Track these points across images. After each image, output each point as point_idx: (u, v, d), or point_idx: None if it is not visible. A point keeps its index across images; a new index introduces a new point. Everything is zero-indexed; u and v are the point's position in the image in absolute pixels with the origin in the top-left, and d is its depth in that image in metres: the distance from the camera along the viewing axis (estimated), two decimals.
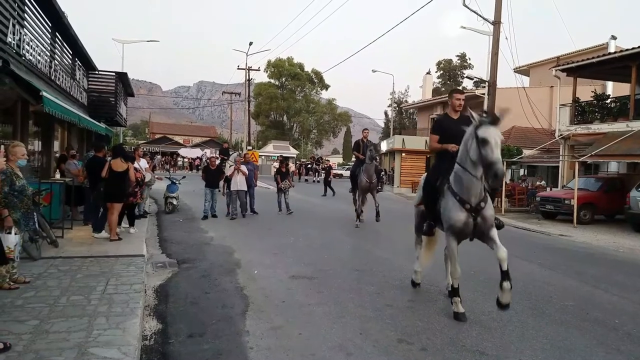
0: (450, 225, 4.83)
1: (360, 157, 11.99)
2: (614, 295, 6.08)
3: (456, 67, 57.45)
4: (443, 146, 5.24)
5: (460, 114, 5.37)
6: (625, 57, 15.69)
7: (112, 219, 8.37)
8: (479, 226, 4.75)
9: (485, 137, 4.29)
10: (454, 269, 4.96)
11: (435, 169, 5.42)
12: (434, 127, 5.48)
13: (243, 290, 5.84)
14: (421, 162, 30.03)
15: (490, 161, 4.23)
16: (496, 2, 17.49)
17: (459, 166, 4.70)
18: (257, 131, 63.59)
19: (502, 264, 4.58)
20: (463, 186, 4.68)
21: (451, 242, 4.94)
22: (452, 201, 4.77)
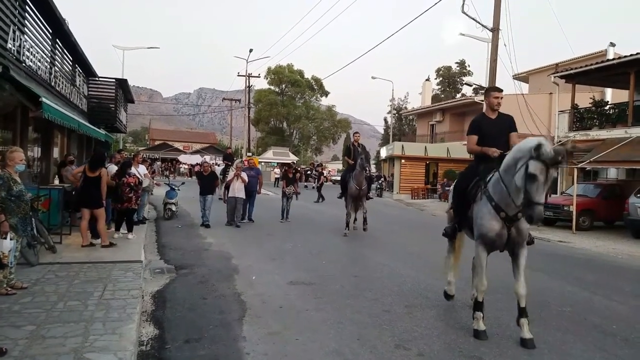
0: (482, 234, 4.51)
1: (350, 162, 11.75)
2: (612, 301, 6.07)
3: (455, 74, 57.63)
4: (484, 149, 4.84)
5: (499, 113, 5.08)
6: (624, 63, 15.76)
7: (83, 225, 8.07)
8: (513, 238, 4.46)
9: (534, 174, 3.90)
10: (479, 281, 4.62)
11: (470, 170, 5.10)
12: (471, 128, 5.11)
13: (241, 296, 5.83)
14: (420, 169, 30.10)
15: (531, 200, 3.92)
16: (495, 9, 17.58)
17: (503, 175, 4.34)
18: (257, 137, 63.70)
19: (520, 301, 4.43)
20: (501, 196, 4.36)
21: (480, 253, 4.61)
22: (487, 208, 4.46)
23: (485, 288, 4.61)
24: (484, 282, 4.59)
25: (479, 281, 4.63)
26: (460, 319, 5.13)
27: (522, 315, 4.42)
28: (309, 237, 10.80)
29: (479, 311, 4.61)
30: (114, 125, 18.66)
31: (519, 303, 4.44)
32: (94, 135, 12.76)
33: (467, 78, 54.98)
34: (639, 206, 12.73)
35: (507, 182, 4.27)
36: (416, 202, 25.93)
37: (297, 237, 10.67)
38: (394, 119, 54.07)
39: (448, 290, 5.73)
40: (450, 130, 36.53)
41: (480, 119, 5.14)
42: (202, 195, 12.01)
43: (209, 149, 54.88)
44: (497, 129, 4.81)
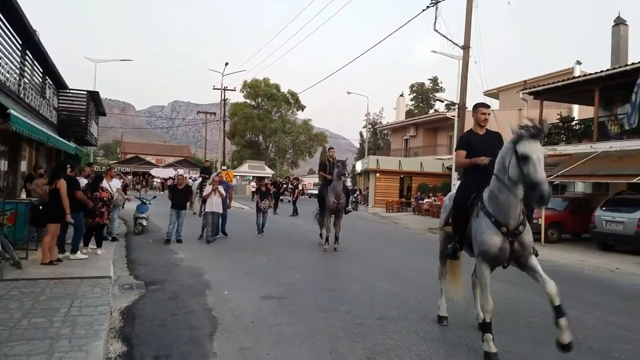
0: (484, 250, 4.27)
1: (327, 178, 11.50)
2: (577, 312, 6.23)
3: (428, 90, 58.80)
4: (472, 161, 4.80)
5: (486, 129, 5.05)
6: (589, 81, 16.38)
7: (46, 240, 7.76)
8: (516, 253, 4.23)
9: (526, 153, 3.80)
10: (485, 301, 4.36)
11: (464, 186, 4.99)
12: (460, 143, 5.09)
13: (212, 311, 5.76)
14: (395, 182, 30.43)
15: (534, 181, 3.73)
16: (465, 28, 18.11)
17: (496, 184, 4.20)
18: (232, 151, 63.34)
19: (553, 300, 3.99)
20: (500, 207, 4.17)
21: (483, 270, 4.36)
22: (487, 223, 4.25)
23: (492, 308, 4.36)
24: (489, 302, 4.34)
25: (485, 301, 4.36)
26: (432, 331, 5.19)
27: (560, 314, 3.97)
28: (283, 251, 10.76)
29: (488, 332, 4.34)
30: (84, 138, 18.29)
31: (553, 302, 4.00)
32: (63, 148, 12.48)
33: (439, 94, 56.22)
34: (604, 219, 13.15)
35: (500, 187, 4.14)
36: (391, 215, 26.15)
37: (271, 251, 10.62)
38: (369, 134, 54.67)
39: (440, 310, 5.48)
40: (423, 145, 37.16)
41: (469, 135, 5.11)
42: (174, 209, 11.48)
43: (182, 163, 54.31)
44: (485, 145, 4.76)
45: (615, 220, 12.87)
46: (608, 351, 4.80)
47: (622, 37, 20.74)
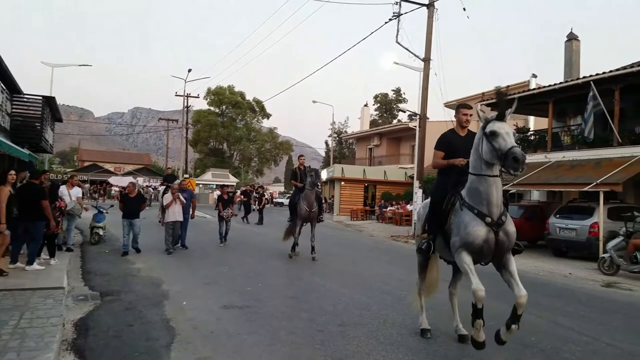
0: (469, 242, 4.20)
1: (298, 186, 11.46)
2: (531, 315, 6.43)
3: (392, 100, 59.84)
4: (449, 161, 4.81)
5: (468, 130, 5.06)
6: (544, 93, 17.10)
7: None
8: (502, 243, 4.23)
9: (494, 130, 3.99)
10: (475, 285, 4.14)
11: (439, 185, 4.96)
12: (439, 143, 5.02)
13: (170, 321, 5.63)
14: (359, 191, 30.72)
15: (506, 149, 3.87)
16: (426, 41, 18.58)
17: (474, 175, 4.26)
18: (195, 159, 62.37)
19: (518, 309, 4.09)
20: (482, 197, 4.19)
21: (465, 257, 4.25)
22: (470, 215, 4.23)
23: (484, 292, 4.14)
24: (481, 287, 4.13)
25: (475, 285, 4.14)
26: (391, 336, 5.25)
27: (516, 321, 4.11)
28: (246, 260, 10.64)
29: (479, 319, 4.21)
30: (39, 144, 17.58)
31: (516, 310, 4.11)
32: (16, 154, 11.96)
33: (402, 105, 57.35)
34: (558, 226, 13.67)
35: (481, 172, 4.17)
36: (355, 223, 26.33)
37: (233, 260, 10.48)
38: (334, 142, 55.06)
39: (423, 324, 5.32)
40: (387, 154, 37.75)
41: (450, 135, 5.06)
42: (127, 219, 10.79)
43: (142, 171, 52.99)
44: (466, 146, 4.73)
45: (568, 227, 13.41)
46: (559, 352, 4.97)
47: (575, 51, 21.78)
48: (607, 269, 10.78)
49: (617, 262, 10.57)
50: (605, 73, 14.50)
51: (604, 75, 14.46)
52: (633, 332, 5.99)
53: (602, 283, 9.80)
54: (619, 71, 14.27)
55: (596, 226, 12.44)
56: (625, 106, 15.28)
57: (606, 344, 5.37)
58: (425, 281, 5.50)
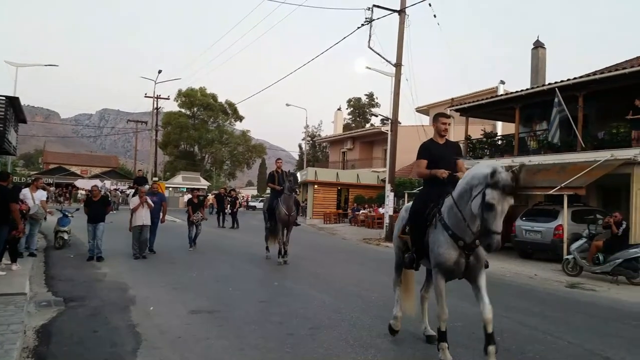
0: (440, 263, 4.33)
1: (277, 189, 11.33)
2: (497, 316, 6.47)
3: (365, 104, 60.36)
4: (432, 172, 4.78)
5: (446, 139, 5.09)
6: (511, 99, 17.54)
7: None
8: (471, 266, 4.32)
9: (492, 203, 3.79)
10: (441, 310, 4.39)
11: (423, 195, 4.97)
12: (421, 152, 5.03)
13: (136, 327, 5.51)
14: (332, 194, 30.81)
15: (489, 229, 3.82)
16: (397, 46, 18.84)
17: (456, 204, 4.22)
18: (165, 161, 61.34)
19: (487, 326, 4.20)
20: (457, 222, 4.23)
21: (439, 281, 4.41)
22: (445, 236, 4.29)
23: (447, 317, 4.44)
24: (445, 311, 4.40)
25: (441, 310, 4.40)
26: (361, 338, 5.27)
27: (490, 342, 4.20)
28: (217, 265, 10.52)
29: (443, 341, 4.44)
30: (2, 146, 16.97)
31: (486, 329, 4.21)
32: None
33: (375, 109, 57.98)
34: (524, 228, 14.03)
35: (462, 209, 4.16)
36: (328, 226, 26.39)
37: (203, 265, 10.35)
38: (308, 146, 55.08)
39: (393, 325, 5.38)
40: (360, 158, 37.99)
41: (429, 144, 5.07)
42: (91, 223, 10.52)
43: (110, 174, 51.84)
44: (445, 154, 4.83)
45: (533, 229, 13.77)
46: (524, 352, 5.09)
47: (541, 59, 22.44)
48: (571, 270, 11.12)
49: (581, 263, 10.91)
50: (569, 80, 14.99)
51: (569, 82, 14.94)
52: (594, 332, 6.18)
53: (566, 284, 10.09)
54: (583, 78, 14.77)
55: (560, 228, 12.82)
56: (588, 112, 15.83)
57: (569, 342, 5.52)
58: (401, 276, 5.55)
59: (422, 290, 5.52)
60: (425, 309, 5.45)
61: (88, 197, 11.50)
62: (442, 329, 4.43)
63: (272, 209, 11.25)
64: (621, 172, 13.40)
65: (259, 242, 13.54)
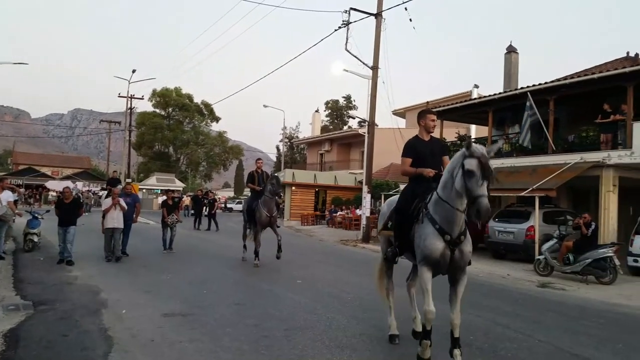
0: (426, 255, 4.31)
1: (256, 189, 11.18)
2: (470, 315, 6.66)
3: (342, 107, 60.55)
4: (418, 170, 4.79)
5: (431, 136, 5.09)
6: (484, 103, 17.88)
7: None
8: (456, 261, 4.33)
9: (471, 169, 3.92)
10: (428, 307, 4.28)
11: (408, 192, 4.91)
12: (406, 150, 4.99)
13: (108, 331, 5.38)
14: (310, 196, 30.77)
15: (475, 195, 3.87)
16: (374, 49, 18.98)
17: (442, 193, 4.27)
18: (139, 163, 60.27)
19: (454, 331, 4.30)
20: (444, 216, 4.27)
21: (424, 275, 4.35)
22: (431, 229, 4.31)
23: (434, 315, 4.31)
24: (431, 309, 4.27)
25: (427, 307, 4.29)
26: (336, 339, 5.28)
27: (456, 345, 4.30)
28: (191, 267, 10.38)
29: (427, 339, 4.39)
30: None
31: (453, 333, 4.31)
32: None
33: (352, 111, 58.24)
34: (497, 229, 14.29)
35: (446, 197, 4.21)
36: (306, 228, 26.37)
37: (177, 268, 10.19)
38: (286, 147, 54.95)
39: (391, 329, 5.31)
40: (337, 160, 38.13)
41: (415, 142, 5.05)
42: (62, 226, 10.17)
43: (82, 175, 50.69)
44: (431, 151, 4.83)
45: (506, 230, 14.04)
46: (496, 350, 5.18)
47: (513, 63, 22.92)
48: (542, 270, 11.37)
49: (551, 263, 11.18)
50: (541, 84, 15.37)
51: (540, 86, 15.31)
52: (564, 330, 6.33)
53: (537, 283, 10.32)
54: (553, 83, 15.16)
55: (532, 229, 13.10)
56: (559, 116, 16.26)
57: (539, 341, 5.65)
58: (392, 279, 5.52)
59: (409, 280, 5.55)
60: (413, 297, 5.45)
61: (59, 199, 11.12)
62: (427, 328, 4.40)
63: (252, 210, 11.08)
64: (590, 174, 13.80)
65: (235, 245, 13.44)
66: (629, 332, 6.46)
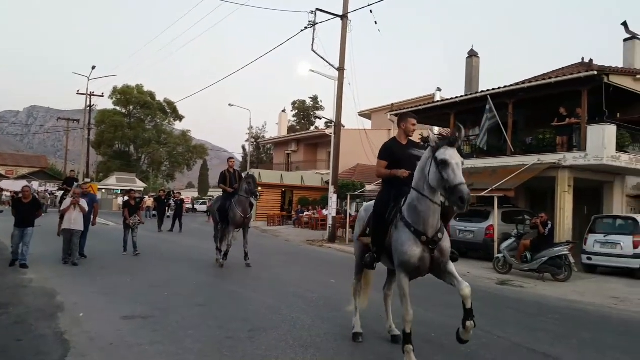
0: (404, 261, 4.29)
1: (228, 190, 10.94)
2: (432, 313, 6.80)
3: (309, 107, 60.62)
4: (392, 172, 4.78)
5: (409, 140, 5.08)
6: (446, 105, 18.29)
7: None
8: (436, 261, 4.33)
9: (445, 159, 3.94)
10: (406, 311, 4.34)
11: (383, 196, 4.90)
12: (382, 153, 4.99)
13: (64, 334, 5.19)
14: (277, 196, 30.64)
15: (454, 184, 3.87)
16: (340, 51, 19.08)
17: (415, 194, 4.27)
18: (98, 162, 58.47)
19: (465, 302, 4.24)
20: (419, 216, 4.23)
21: (403, 280, 4.37)
22: (407, 234, 4.28)
23: (412, 318, 4.38)
24: (410, 312, 4.34)
25: (406, 311, 4.35)
26: (301, 338, 5.27)
27: (469, 317, 4.24)
28: (153, 269, 10.12)
29: (409, 344, 4.39)
30: None
31: (464, 304, 4.25)
32: None
33: (319, 112, 58.36)
34: (458, 228, 14.60)
35: (423, 193, 4.19)
36: (272, 228, 26.25)
37: (138, 270, 9.91)
38: (252, 147, 54.51)
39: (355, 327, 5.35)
40: (304, 160, 38.11)
41: (392, 144, 5.04)
42: (19, 227, 9.70)
43: (38, 174, 48.76)
44: (406, 153, 4.85)
45: (467, 229, 14.39)
46: (457, 347, 5.22)
47: (474, 67, 23.50)
48: (501, 268, 11.72)
49: (510, 261, 11.53)
50: (500, 88, 15.84)
51: (499, 90, 15.79)
52: (522, 326, 6.54)
53: (496, 281, 10.62)
54: (512, 87, 15.66)
55: (491, 228, 13.48)
56: (517, 119, 16.82)
57: (498, 337, 5.81)
58: (362, 282, 5.52)
59: (385, 289, 5.54)
60: (389, 307, 5.46)
61: (16, 199, 10.61)
62: (407, 331, 4.40)
63: (225, 211, 10.83)
64: (547, 175, 14.33)
65: (199, 246, 13.27)
66: (582, 327, 6.71)
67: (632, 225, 11.76)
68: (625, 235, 11.62)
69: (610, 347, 5.68)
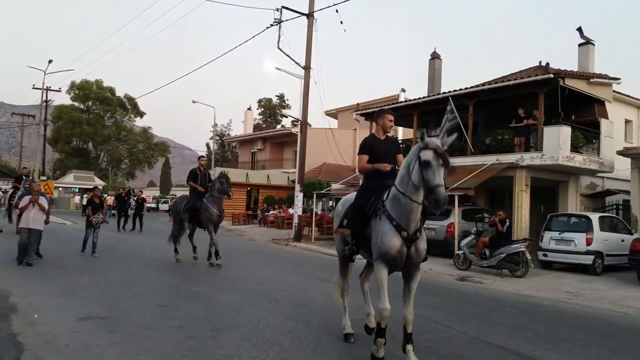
0: (384, 252, 4.35)
1: (198, 189, 10.80)
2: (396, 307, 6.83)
3: (276, 105, 60.37)
4: (375, 166, 4.86)
5: (387, 135, 5.18)
6: (410, 106, 18.61)
7: None
8: (412, 257, 4.42)
9: (428, 160, 4.00)
10: (383, 305, 4.37)
11: (365, 189, 4.96)
12: (362, 148, 5.07)
13: (17, 336, 4.98)
14: (242, 195, 30.33)
15: (432, 185, 3.94)
16: (306, 49, 19.09)
17: (398, 190, 4.33)
18: (55, 159, 56.34)
19: (407, 326, 4.40)
20: (402, 212, 4.31)
21: (381, 272, 4.42)
22: (388, 226, 4.35)
23: (389, 312, 4.39)
24: (387, 306, 4.36)
25: (382, 304, 4.37)
26: (264, 337, 5.25)
27: (409, 341, 4.41)
28: (112, 269, 9.82)
29: (381, 337, 4.44)
30: None
31: (406, 328, 4.40)
32: None
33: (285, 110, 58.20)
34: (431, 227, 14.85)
35: (404, 191, 4.27)
36: (237, 227, 25.99)
37: (96, 270, 9.59)
38: (216, 145, 53.78)
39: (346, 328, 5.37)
40: (270, 158, 37.90)
41: (371, 140, 5.13)
42: None
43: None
44: (386, 149, 4.95)
45: (428, 227, 14.60)
46: (418, 341, 5.32)
47: (437, 69, 23.97)
48: (461, 265, 12.03)
49: (470, 258, 11.85)
50: (461, 90, 16.24)
51: (461, 91, 16.19)
52: (480, 320, 6.75)
53: (456, 277, 10.89)
54: (473, 88, 16.08)
55: (452, 226, 13.81)
56: (478, 120, 17.27)
57: (458, 331, 5.97)
58: (347, 280, 5.54)
59: (362, 276, 5.60)
60: (367, 293, 5.50)
61: None
62: (382, 325, 4.45)
63: (196, 210, 10.67)
64: (505, 174, 14.80)
65: (160, 246, 12.99)
66: (538, 321, 6.96)
67: (585, 223, 12.30)
68: (579, 232, 12.13)
69: (564, 340, 5.92)
